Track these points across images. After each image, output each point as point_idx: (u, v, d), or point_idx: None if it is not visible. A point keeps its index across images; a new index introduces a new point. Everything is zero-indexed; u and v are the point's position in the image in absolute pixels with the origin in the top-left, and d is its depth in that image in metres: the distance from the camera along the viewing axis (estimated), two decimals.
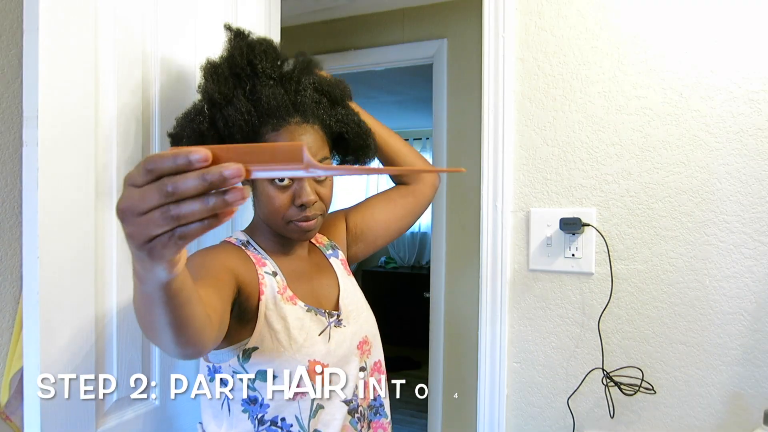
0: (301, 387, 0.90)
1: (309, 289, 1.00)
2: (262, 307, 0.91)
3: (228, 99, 0.94)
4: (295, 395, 0.90)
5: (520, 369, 1.36)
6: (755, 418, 1.14)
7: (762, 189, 1.15)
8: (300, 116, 0.94)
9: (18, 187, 1.08)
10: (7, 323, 1.08)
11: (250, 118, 0.92)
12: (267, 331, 0.90)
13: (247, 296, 0.90)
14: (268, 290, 0.93)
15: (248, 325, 0.90)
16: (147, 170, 0.42)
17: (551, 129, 1.31)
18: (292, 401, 0.91)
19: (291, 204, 0.93)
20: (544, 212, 1.32)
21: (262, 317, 0.90)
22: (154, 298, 0.53)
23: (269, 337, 0.90)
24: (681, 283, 1.21)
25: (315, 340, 0.93)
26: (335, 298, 1.04)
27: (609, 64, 1.26)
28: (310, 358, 0.92)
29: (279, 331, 0.91)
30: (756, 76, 1.15)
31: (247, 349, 0.90)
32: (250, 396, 0.91)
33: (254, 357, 0.89)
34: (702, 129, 1.19)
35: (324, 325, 0.96)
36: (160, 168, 0.41)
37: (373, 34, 2.52)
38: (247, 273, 0.92)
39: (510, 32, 1.35)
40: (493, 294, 1.37)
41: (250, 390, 0.90)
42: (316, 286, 1.03)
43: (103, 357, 1.02)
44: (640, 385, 1.22)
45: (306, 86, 0.98)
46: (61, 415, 0.93)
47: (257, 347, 0.89)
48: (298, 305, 0.95)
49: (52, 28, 0.89)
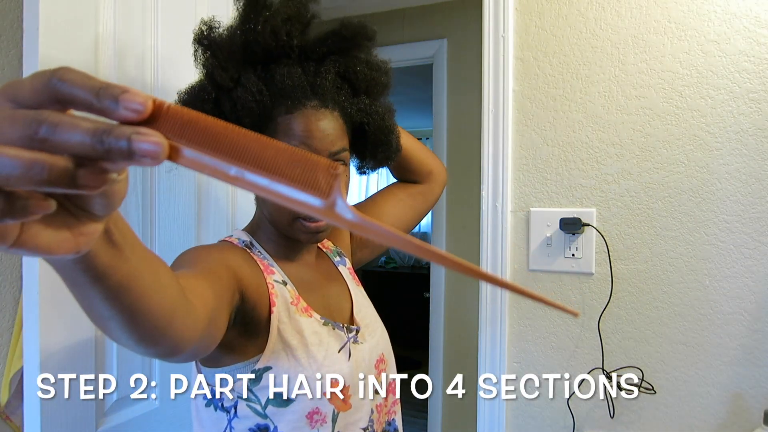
0: (322, 413, 0.79)
1: (321, 300, 0.88)
2: (274, 321, 0.79)
3: (236, 81, 0.81)
4: (314, 423, 0.79)
5: (520, 369, 1.35)
6: (755, 418, 1.14)
7: (762, 189, 1.15)
8: (318, 100, 0.82)
9: None
10: (7, 323, 1.08)
11: (262, 98, 0.80)
12: (282, 348, 0.78)
13: (253, 305, 0.78)
14: (280, 301, 0.81)
15: (256, 340, 0.78)
16: (42, 86, 0.27)
17: (551, 129, 1.31)
18: (311, 430, 0.79)
19: None
20: (544, 212, 1.32)
21: (274, 332, 0.78)
22: (71, 280, 0.39)
23: (285, 356, 0.78)
24: (681, 283, 1.21)
25: (335, 358, 0.82)
26: (349, 311, 0.93)
27: (609, 64, 1.26)
28: (330, 379, 0.80)
29: (295, 347, 0.79)
30: (756, 75, 1.15)
31: (257, 370, 0.78)
32: (260, 425, 0.78)
33: (266, 379, 0.78)
34: (702, 129, 1.19)
35: (343, 340, 0.85)
36: (59, 90, 0.27)
37: None
38: (254, 278, 0.80)
39: (510, 32, 1.35)
40: (493, 294, 1.37)
41: (260, 417, 0.78)
42: (328, 296, 0.91)
43: (103, 357, 1.02)
44: (640, 385, 1.22)
45: (329, 68, 0.86)
46: (61, 415, 0.93)
47: (270, 367, 0.78)
48: (314, 317, 0.84)
49: (52, 28, 0.89)
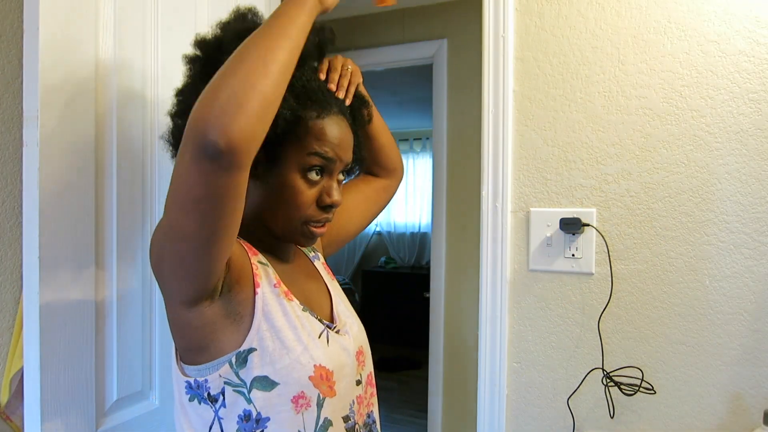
0: (307, 397, 0.78)
1: (301, 293, 0.87)
2: (259, 301, 0.78)
3: None
4: (299, 407, 0.78)
5: (520, 369, 1.36)
6: (755, 418, 1.14)
7: (762, 189, 1.15)
8: (337, 108, 0.85)
9: (18, 187, 1.08)
10: (7, 323, 1.08)
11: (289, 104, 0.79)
12: (267, 328, 0.77)
13: (237, 279, 0.76)
14: (264, 282, 0.80)
15: (241, 324, 0.77)
16: None
17: (551, 129, 1.31)
18: (296, 415, 0.77)
19: (314, 203, 0.83)
20: (544, 212, 1.32)
21: (259, 312, 0.77)
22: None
23: (269, 336, 0.77)
24: (681, 283, 1.21)
25: (317, 343, 0.81)
26: (329, 308, 0.93)
27: (609, 64, 1.26)
28: (315, 363, 0.79)
29: (280, 328, 0.78)
30: (756, 75, 1.15)
31: (241, 352, 0.75)
32: (246, 411, 0.76)
33: (251, 360, 0.76)
34: (702, 129, 1.19)
35: (321, 328, 0.84)
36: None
37: (373, 34, 2.52)
38: (240, 255, 0.78)
39: (510, 32, 1.35)
40: (493, 294, 1.37)
41: (247, 402, 0.76)
42: (307, 291, 0.90)
43: (103, 357, 1.02)
44: (640, 385, 1.22)
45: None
46: (61, 415, 0.93)
47: (255, 348, 0.76)
48: (295, 302, 0.83)
49: (52, 28, 0.89)
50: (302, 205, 0.82)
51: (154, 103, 1.12)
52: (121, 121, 1.04)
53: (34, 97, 0.87)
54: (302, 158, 0.80)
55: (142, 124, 1.09)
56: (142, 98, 1.09)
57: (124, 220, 1.05)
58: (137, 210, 1.09)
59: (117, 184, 1.04)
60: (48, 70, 0.88)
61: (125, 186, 1.06)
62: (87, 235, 0.98)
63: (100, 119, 1.00)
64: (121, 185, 1.05)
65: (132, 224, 1.08)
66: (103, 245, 1.02)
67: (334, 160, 0.82)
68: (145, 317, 1.12)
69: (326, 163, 0.82)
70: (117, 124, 1.03)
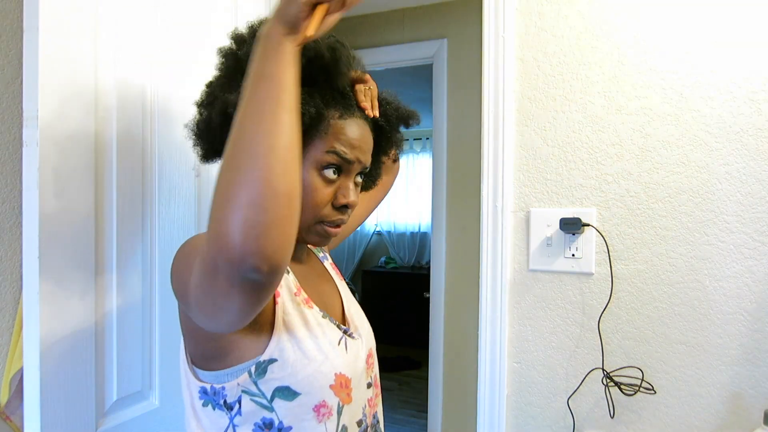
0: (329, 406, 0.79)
1: (317, 296, 0.88)
2: (279, 311, 0.77)
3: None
4: (321, 416, 0.78)
5: (520, 369, 1.36)
6: (755, 418, 1.14)
7: (762, 189, 1.15)
8: (360, 112, 0.84)
9: (18, 187, 1.08)
10: (7, 323, 1.08)
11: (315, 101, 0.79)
12: (287, 338, 0.77)
13: None
14: (284, 291, 0.80)
15: (261, 334, 0.76)
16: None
17: (551, 129, 1.31)
18: (319, 424, 0.78)
19: (329, 202, 0.82)
20: (544, 212, 1.32)
21: (279, 323, 0.77)
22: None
23: (290, 347, 0.77)
24: (681, 283, 1.21)
25: (336, 352, 0.81)
26: (340, 309, 0.94)
27: (609, 64, 1.26)
28: (335, 371, 0.80)
29: (302, 339, 0.78)
30: (756, 75, 1.15)
31: (262, 362, 0.75)
32: (266, 419, 0.76)
33: (272, 371, 0.75)
34: (702, 129, 1.19)
35: (340, 334, 0.85)
36: None
37: (373, 34, 2.52)
38: None
39: (510, 32, 1.35)
40: (493, 294, 1.37)
41: (267, 411, 0.76)
42: (322, 293, 0.91)
43: (103, 357, 1.02)
44: (640, 385, 1.22)
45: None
46: (61, 415, 0.93)
47: (276, 359, 0.75)
48: (314, 309, 0.83)
49: (52, 28, 0.89)
50: (318, 203, 0.80)
51: (155, 102, 1.12)
52: (121, 120, 1.04)
53: (34, 97, 0.87)
54: (321, 156, 0.80)
55: (142, 124, 1.09)
56: (143, 97, 1.09)
57: (124, 220, 1.05)
58: (137, 210, 1.09)
59: (117, 184, 1.04)
60: (48, 70, 0.88)
61: (125, 186, 1.06)
62: (87, 235, 0.98)
63: (100, 119, 1.00)
64: (121, 185, 1.05)
65: (132, 224, 1.08)
66: (103, 245, 1.02)
67: (351, 160, 0.82)
68: (145, 317, 1.12)
69: (344, 162, 0.81)
70: (117, 124, 1.03)
